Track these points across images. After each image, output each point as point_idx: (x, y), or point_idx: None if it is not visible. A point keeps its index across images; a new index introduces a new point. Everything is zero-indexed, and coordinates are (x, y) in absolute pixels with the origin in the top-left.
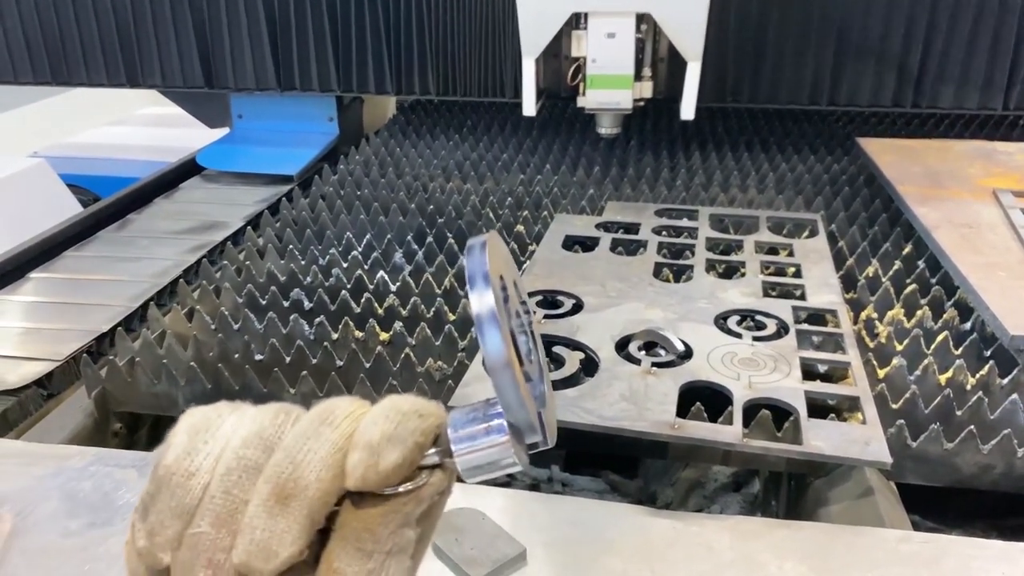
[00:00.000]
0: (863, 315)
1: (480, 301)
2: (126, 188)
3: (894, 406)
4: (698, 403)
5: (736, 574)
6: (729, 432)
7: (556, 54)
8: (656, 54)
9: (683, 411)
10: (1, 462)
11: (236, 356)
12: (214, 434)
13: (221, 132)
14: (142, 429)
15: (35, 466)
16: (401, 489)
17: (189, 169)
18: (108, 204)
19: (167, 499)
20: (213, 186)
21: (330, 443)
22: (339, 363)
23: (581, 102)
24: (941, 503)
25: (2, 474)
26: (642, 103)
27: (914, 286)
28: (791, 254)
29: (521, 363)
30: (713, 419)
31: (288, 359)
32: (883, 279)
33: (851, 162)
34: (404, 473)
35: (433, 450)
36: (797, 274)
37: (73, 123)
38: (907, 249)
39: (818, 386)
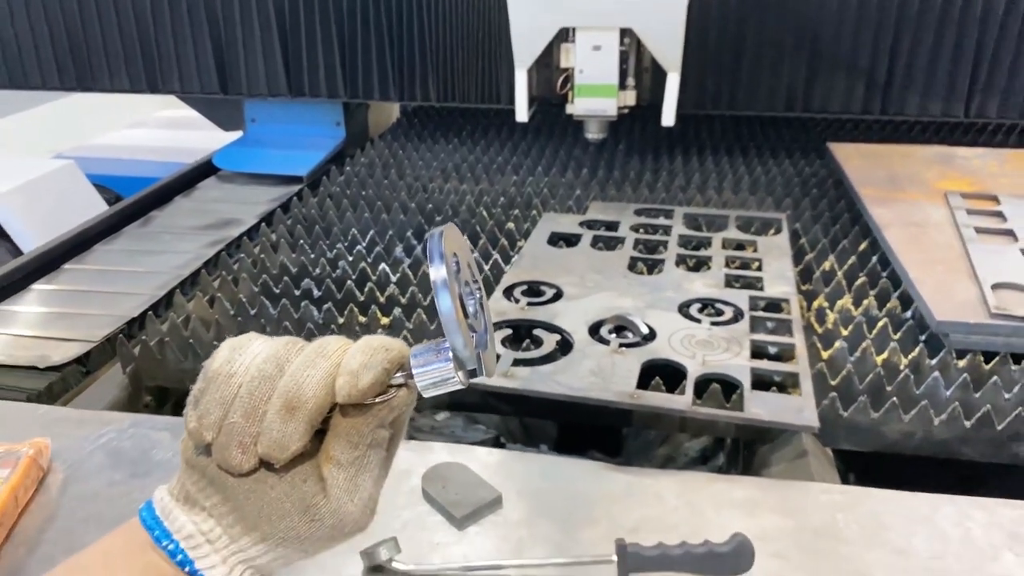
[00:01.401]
0: (815, 304)
1: (435, 272)
2: (148, 187)
3: (832, 382)
4: (657, 378)
5: (680, 517)
6: (680, 401)
7: (548, 63)
8: (640, 64)
9: (645, 385)
10: (53, 425)
11: None
12: (245, 351)
13: (234, 135)
14: (169, 402)
15: (81, 429)
16: (376, 400)
17: (206, 170)
18: (132, 202)
19: (213, 392)
20: (228, 186)
21: (323, 370)
22: None
23: (569, 109)
24: (910, 478)
25: (54, 435)
26: (626, 110)
27: (864, 279)
28: (755, 250)
29: (467, 317)
30: (671, 391)
31: None
32: (838, 272)
33: (823, 166)
34: (377, 390)
35: (399, 374)
36: (758, 268)
37: (90, 122)
38: (863, 246)
39: (763, 364)
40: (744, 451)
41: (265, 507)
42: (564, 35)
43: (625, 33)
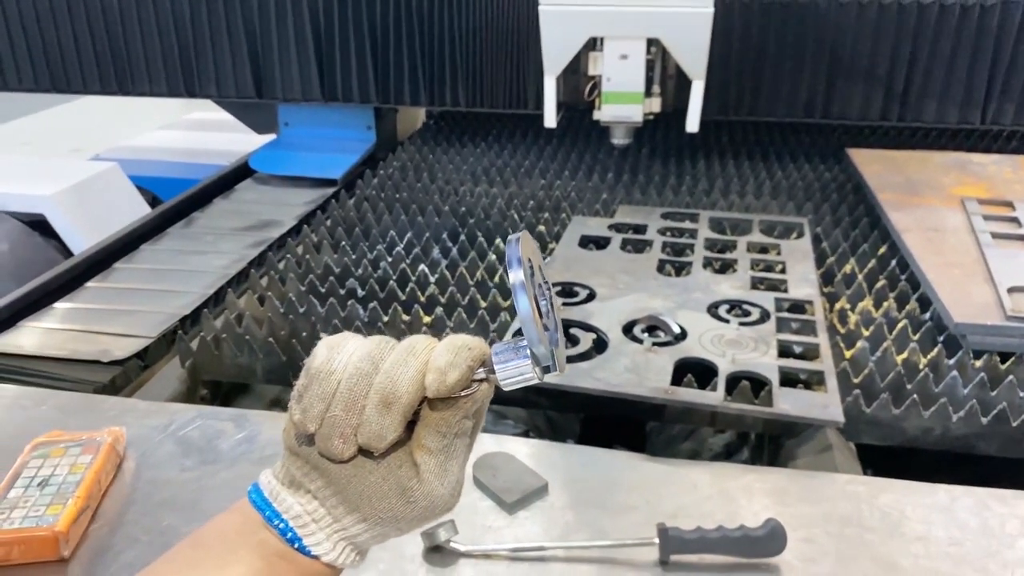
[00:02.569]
0: (837, 306)
1: (515, 275)
2: (188, 190)
3: (855, 380)
4: (689, 375)
5: (713, 505)
6: (713, 397)
7: (575, 70)
8: (665, 72)
9: (678, 382)
10: (122, 416)
11: (304, 335)
12: (343, 350)
13: (265, 138)
14: (220, 395)
15: (149, 419)
16: (462, 394)
17: (242, 172)
18: (175, 204)
19: (316, 388)
20: (264, 187)
21: (414, 368)
22: None
23: (597, 115)
24: (923, 473)
25: (126, 424)
26: (652, 117)
27: (884, 282)
28: (779, 253)
29: (541, 316)
30: (702, 388)
31: None
32: (858, 275)
33: (842, 171)
34: (462, 386)
35: (482, 370)
36: (782, 270)
37: (115, 121)
38: (882, 250)
39: (790, 362)
40: (769, 445)
41: (365, 490)
42: (592, 44)
43: (652, 42)
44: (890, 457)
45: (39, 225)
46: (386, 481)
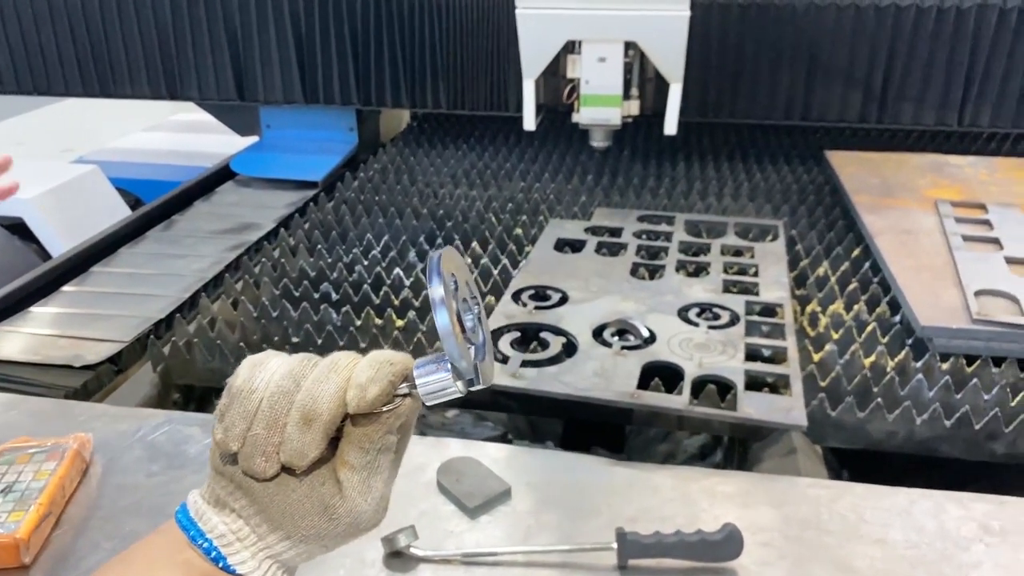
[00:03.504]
0: (808, 309)
1: (434, 290)
2: (169, 192)
3: (822, 383)
4: (657, 378)
5: (676, 508)
6: (678, 400)
7: (555, 72)
8: (644, 75)
9: (645, 386)
10: (92, 421)
11: (276, 339)
12: (265, 368)
13: (248, 140)
14: (194, 399)
15: (119, 424)
16: (384, 410)
17: (223, 174)
18: (155, 207)
19: (237, 407)
20: (246, 190)
21: (336, 384)
22: (362, 345)
23: (575, 118)
24: (903, 474)
25: (93, 429)
26: (630, 119)
27: (856, 285)
28: (752, 256)
29: (464, 331)
30: (669, 391)
31: (320, 342)
32: (831, 278)
33: (820, 173)
34: (384, 401)
35: (404, 385)
36: (755, 273)
37: (103, 121)
38: (856, 252)
39: (757, 366)
40: (740, 447)
41: (288, 508)
42: (571, 47)
43: (629, 45)
44: (866, 459)
45: (18, 228)
46: (309, 499)
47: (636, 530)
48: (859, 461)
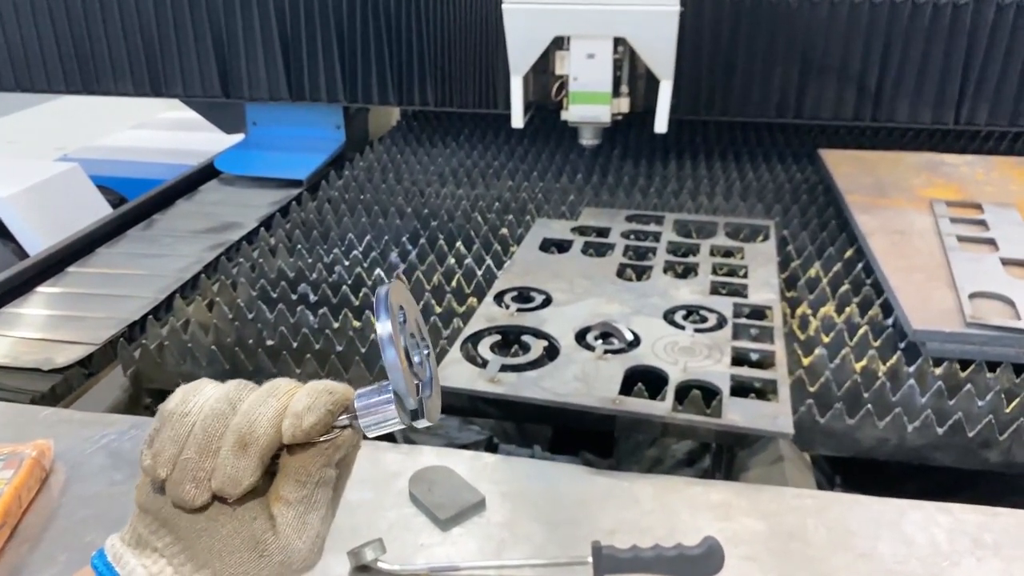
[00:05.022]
0: (799, 311)
1: (381, 327)
2: (151, 191)
3: (811, 388)
4: (640, 384)
5: (656, 520)
6: (661, 407)
7: (544, 69)
8: (635, 72)
9: (628, 391)
10: (56, 427)
11: (250, 342)
12: (199, 393)
13: (236, 138)
14: None
15: (84, 430)
16: (322, 439)
17: (207, 172)
18: (135, 205)
19: (168, 431)
20: (229, 188)
21: (274, 408)
22: (339, 348)
23: (564, 116)
24: (897, 481)
25: (57, 436)
26: (620, 117)
27: (848, 287)
28: (742, 257)
29: (411, 365)
30: (653, 397)
31: (295, 344)
32: (823, 280)
33: (814, 171)
34: (321, 431)
35: (344, 416)
36: (744, 275)
37: (94, 120)
38: (849, 253)
39: (744, 371)
40: (728, 453)
41: (216, 544)
42: (559, 43)
43: (619, 41)
44: (859, 463)
45: None
46: (239, 534)
47: (614, 543)
48: (852, 466)
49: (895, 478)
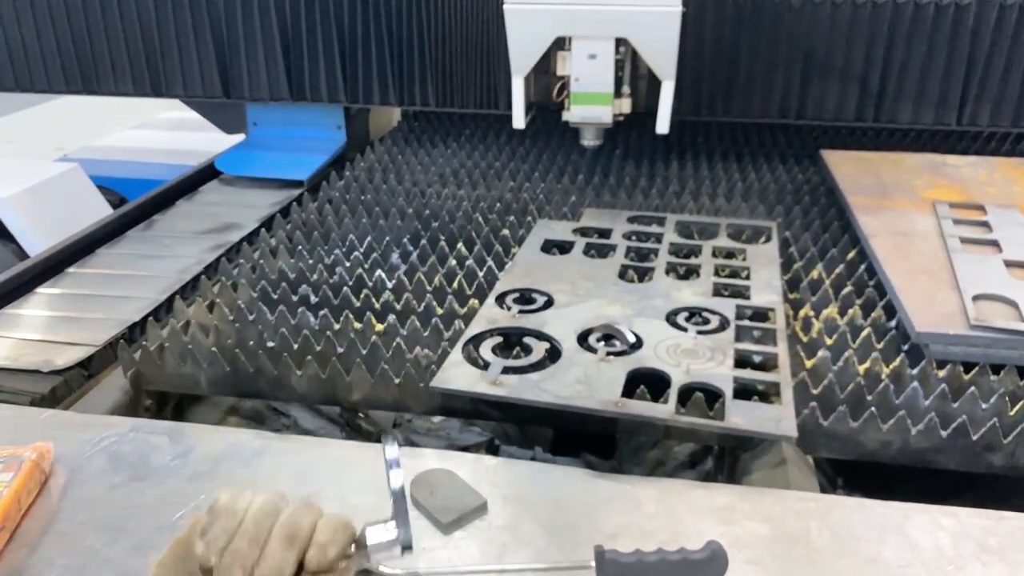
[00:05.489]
0: (801, 313)
1: (396, 478)
2: (151, 191)
3: (814, 391)
4: (642, 386)
5: (658, 524)
6: (663, 409)
7: (545, 70)
8: (636, 72)
9: (631, 393)
10: (55, 429)
11: (251, 343)
12: (245, 495)
13: (237, 138)
14: (169, 406)
15: (84, 432)
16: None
17: (208, 173)
18: (135, 206)
19: (221, 523)
20: (230, 189)
21: (311, 519)
22: (339, 350)
23: (566, 116)
24: (899, 484)
25: (57, 438)
26: (622, 117)
27: (851, 288)
28: (744, 258)
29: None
30: (655, 399)
31: (296, 346)
32: (825, 281)
33: (816, 173)
34: (338, 561)
35: (353, 547)
36: (747, 276)
37: (96, 120)
38: (851, 255)
39: (747, 373)
40: (729, 457)
41: None
42: (560, 43)
43: (620, 42)
44: (862, 465)
45: None
46: None
47: (616, 547)
48: (854, 469)
49: (897, 481)
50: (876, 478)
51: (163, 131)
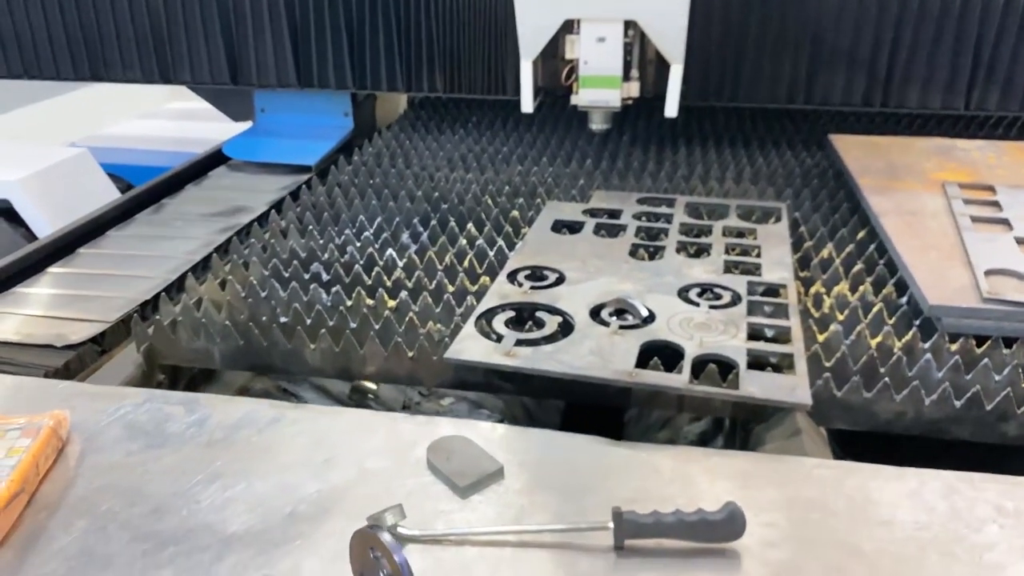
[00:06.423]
0: (812, 290)
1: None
2: (160, 176)
3: (827, 364)
4: (656, 358)
5: (676, 489)
6: (677, 379)
7: (553, 55)
8: (644, 56)
9: (644, 366)
10: (71, 399)
11: (264, 318)
12: None
13: (244, 126)
14: (181, 382)
15: (98, 403)
16: None
17: (216, 159)
18: (144, 190)
19: None
20: (238, 174)
21: None
22: (352, 325)
23: (574, 100)
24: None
25: (73, 408)
26: (630, 101)
27: (861, 266)
28: (755, 237)
29: None
30: (669, 372)
31: (309, 321)
32: (836, 260)
33: (824, 157)
34: None
35: None
36: (757, 255)
37: (108, 114)
38: (861, 235)
39: (760, 345)
40: (741, 432)
41: None
42: (569, 27)
43: (629, 25)
44: (868, 446)
45: (7, 212)
46: None
47: (633, 510)
48: (861, 448)
49: (903, 460)
50: (885, 455)
51: (169, 120)
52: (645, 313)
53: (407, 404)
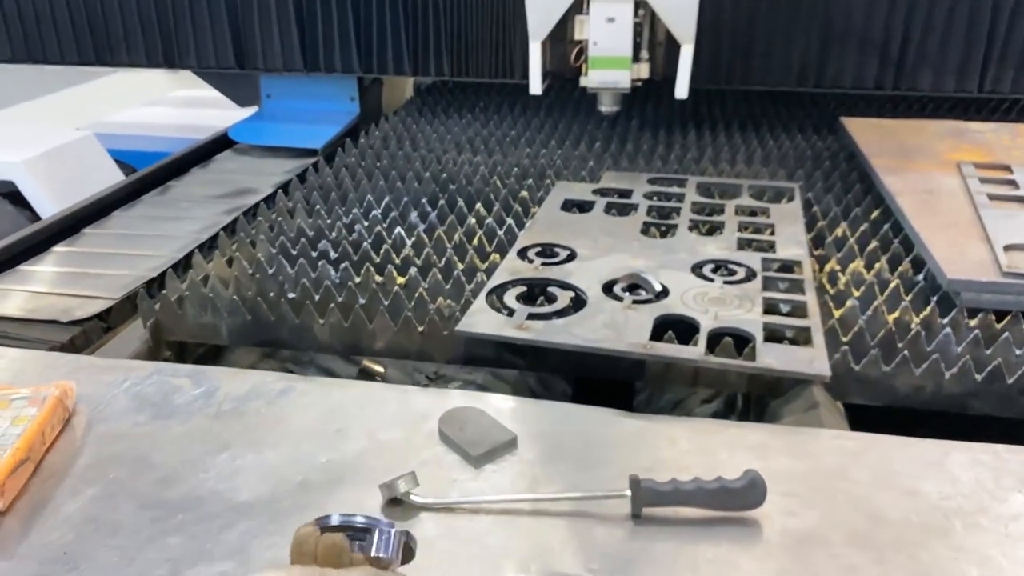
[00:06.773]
0: (827, 267)
1: None
2: (165, 159)
3: (844, 338)
4: (670, 332)
5: (693, 460)
6: (693, 352)
7: (562, 38)
8: (655, 38)
9: (658, 340)
10: (77, 372)
11: (271, 294)
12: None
13: (250, 111)
14: (188, 359)
15: (106, 375)
16: None
17: (221, 143)
18: (150, 172)
19: None
20: (244, 158)
21: None
22: (361, 300)
23: (583, 81)
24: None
25: (79, 380)
26: (640, 83)
27: (876, 244)
28: (768, 216)
29: None
30: (683, 345)
31: (317, 297)
32: (850, 238)
33: (835, 140)
34: None
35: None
36: (771, 233)
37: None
38: (875, 214)
39: (776, 319)
40: (756, 409)
41: None
42: (578, 7)
43: (639, 5)
44: (880, 425)
45: (12, 194)
46: None
47: (651, 478)
48: (873, 427)
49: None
50: (900, 433)
51: (174, 108)
52: (659, 288)
53: None
